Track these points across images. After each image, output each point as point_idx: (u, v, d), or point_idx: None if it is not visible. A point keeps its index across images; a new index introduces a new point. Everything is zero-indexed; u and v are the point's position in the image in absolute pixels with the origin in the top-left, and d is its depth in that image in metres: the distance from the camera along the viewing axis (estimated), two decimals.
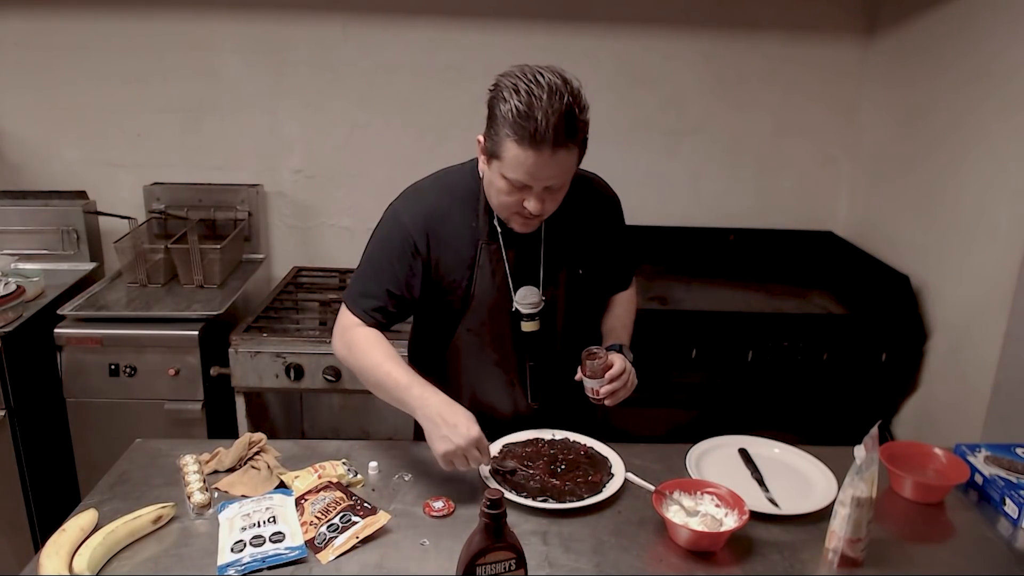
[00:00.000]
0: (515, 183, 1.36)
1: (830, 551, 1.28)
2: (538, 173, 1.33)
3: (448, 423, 1.35)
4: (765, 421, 2.31)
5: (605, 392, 1.50)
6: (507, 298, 1.52)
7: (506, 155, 1.33)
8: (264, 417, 2.55)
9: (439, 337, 1.59)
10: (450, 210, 1.51)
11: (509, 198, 1.39)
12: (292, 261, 2.97)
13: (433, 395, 1.40)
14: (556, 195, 1.41)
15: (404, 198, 1.56)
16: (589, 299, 1.65)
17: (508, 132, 1.31)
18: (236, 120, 2.82)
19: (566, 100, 1.29)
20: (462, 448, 1.34)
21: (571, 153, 1.35)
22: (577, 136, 1.33)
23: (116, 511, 1.34)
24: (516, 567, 1.11)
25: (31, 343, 2.27)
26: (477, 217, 1.51)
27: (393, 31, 2.74)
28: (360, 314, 1.52)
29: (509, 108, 1.29)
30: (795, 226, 2.95)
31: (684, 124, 2.87)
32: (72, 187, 2.75)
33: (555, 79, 1.30)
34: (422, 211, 1.51)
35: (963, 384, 2.19)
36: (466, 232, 1.50)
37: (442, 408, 1.38)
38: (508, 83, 1.31)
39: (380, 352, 1.47)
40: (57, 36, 2.71)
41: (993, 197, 2.11)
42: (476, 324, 1.54)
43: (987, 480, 1.48)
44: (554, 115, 1.28)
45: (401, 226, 1.50)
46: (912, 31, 2.54)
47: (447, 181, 1.56)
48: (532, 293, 1.52)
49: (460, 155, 2.96)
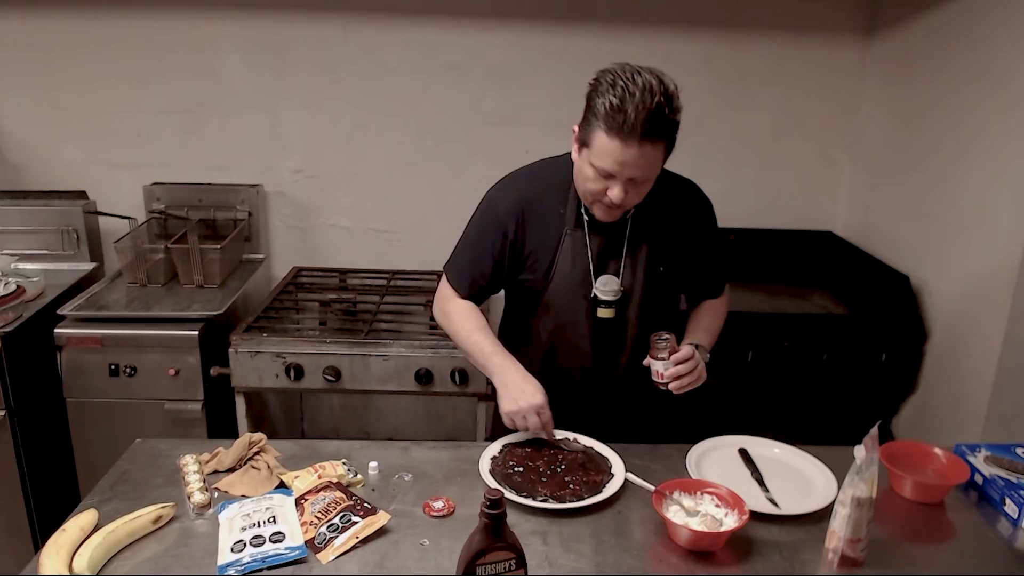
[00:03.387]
0: (601, 171, 1.44)
1: (830, 551, 1.28)
2: (624, 163, 1.41)
3: (519, 388, 1.52)
4: (765, 421, 2.31)
5: (670, 375, 1.52)
6: (587, 283, 1.60)
7: (596, 144, 1.42)
8: (264, 417, 2.55)
9: (524, 312, 1.70)
10: (541, 197, 1.61)
11: (595, 185, 1.47)
12: (292, 261, 2.97)
13: (512, 364, 1.57)
14: (639, 188, 1.47)
15: (501, 184, 1.67)
16: (668, 297, 1.71)
17: (600, 123, 1.39)
18: (236, 120, 2.83)
19: (657, 99, 1.37)
20: (524, 410, 1.51)
21: (656, 149, 1.41)
22: (664, 133, 1.41)
23: (116, 511, 1.34)
24: (516, 567, 1.11)
25: (31, 343, 2.27)
26: (566, 205, 1.60)
27: (393, 31, 2.75)
28: (456, 286, 1.69)
29: (604, 101, 1.38)
30: (795, 226, 2.95)
31: (684, 124, 2.83)
32: (72, 187, 2.75)
33: (651, 79, 1.39)
34: (515, 197, 1.62)
35: (963, 384, 2.19)
36: (554, 218, 1.60)
37: (517, 376, 1.55)
38: (607, 79, 1.40)
39: (471, 323, 1.65)
40: (57, 36, 2.71)
41: (993, 197, 2.11)
42: (555, 305, 1.64)
43: (987, 480, 1.48)
44: (644, 111, 1.36)
45: (495, 209, 1.63)
46: (912, 31, 2.54)
47: (541, 170, 1.66)
48: (612, 281, 1.60)
49: (460, 155, 2.96)
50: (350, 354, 2.28)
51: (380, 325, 2.44)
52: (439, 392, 2.30)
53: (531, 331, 1.69)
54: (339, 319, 2.64)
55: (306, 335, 2.37)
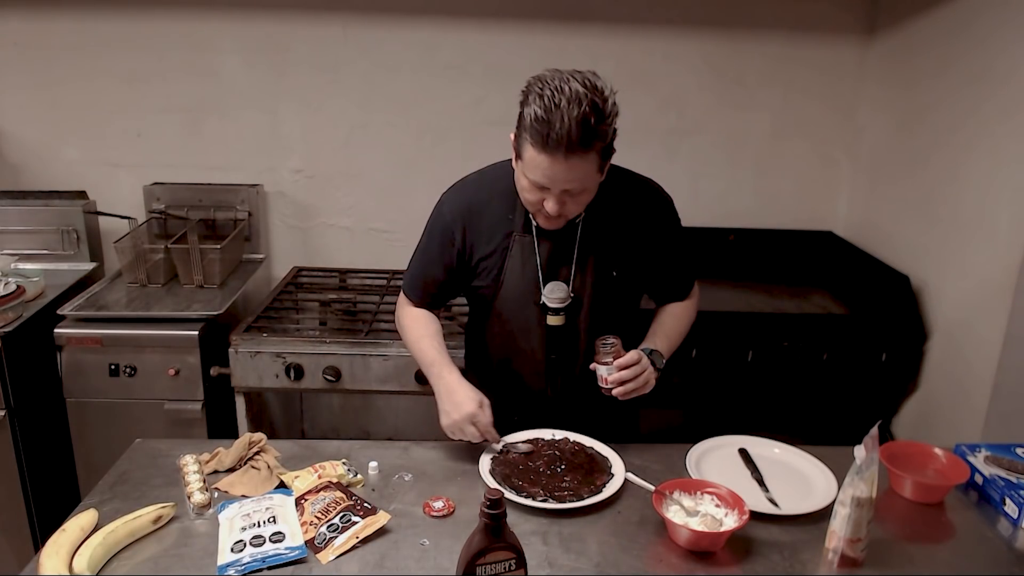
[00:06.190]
0: (534, 183, 1.42)
1: (830, 551, 1.28)
2: (554, 177, 1.39)
3: (452, 400, 1.51)
4: (765, 421, 2.31)
5: (614, 380, 1.49)
6: (535, 290, 1.59)
7: (526, 156, 1.40)
8: (264, 417, 2.55)
9: (480, 319, 1.70)
10: (489, 202, 1.60)
11: (531, 196, 1.46)
12: (292, 261, 2.97)
13: (449, 374, 1.55)
14: (577, 198, 1.45)
15: (450, 191, 1.66)
16: (623, 301, 1.66)
17: (527, 135, 1.38)
18: (236, 120, 2.83)
19: (584, 108, 1.32)
20: (457, 423, 1.49)
21: (586, 160, 1.38)
22: (592, 144, 1.36)
23: (116, 511, 1.34)
24: (516, 567, 1.11)
25: (31, 343, 2.27)
26: (514, 210, 1.58)
27: (393, 31, 2.74)
28: (409, 294, 1.71)
29: (531, 112, 1.36)
30: (795, 226, 2.95)
31: (684, 124, 2.87)
32: (72, 187, 2.75)
33: (579, 87, 1.34)
34: (462, 203, 1.61)
35: (963, 384, 2.19)
36: (502, 223, 1.59)
37: (452, 386, 1.53)
38: (536, 87, 1.37)
39: (419, 330, 1.65)
40: (57, 36, 2.71)
41: (993, 197, 2.11)
42: (505, 311, 1.63)
43: (987, 480, 1.49)
44: (570, 122, 1.32)
45: (442, 217, 1.63)
46: (912, 31, 2.54)
47: (490, 175, 1.65)
48: (559, 288, 1.57)
49: (460, 155, 2.96)
50: (350, 354, 2.28)
51: (380, 325, 2.44)
52: None
53: (486, 338, 1.69)
54: (339, 319, 2.64)
55: (306, 335, 2.37)
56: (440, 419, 1.52)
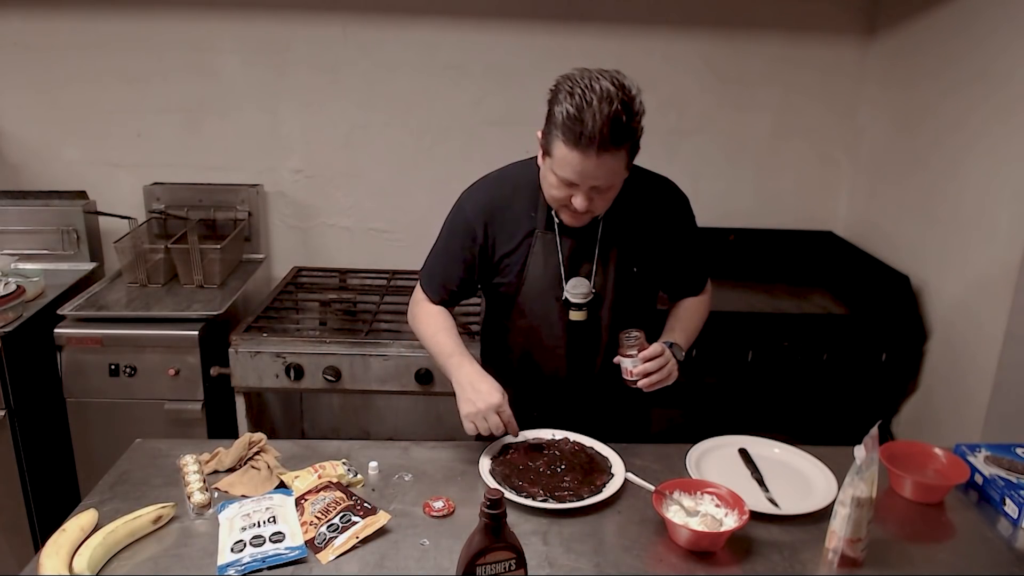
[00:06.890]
0: (564, 180, 1.44)
1: (830, 551, 1.28)
2: (584, 173, 1.41)
3: (476, 389, 1.49)
4: (765, 421, 2.31)
5: (639, 372, 1.51)
6: (558, 286, 1.60)
7: (556, 153, 1.41)
8: (264, 417, 2.55)
9: (500, 316, 1.71)
10: (511, 200, 1.61)
11: (558, 193, 1.47)
12: (292, 261, 2.97)
13: (469, 364, 1.54)
14: (604, 195, 1.47)
15: (471, 188, 1.66)
16: (642, 297, 1.69)
17: (559, 132, 1.39)
18: (236, 120, 2.83)
19: (615, 106, 1.35)
20: (482, 411, 1.47)
21: (617, 157, 1.40)
22: (623, 142, 1.39)
23: (116, 511, 1.34)
24: (516, 567, 1.11)
25: (31, 343, 2.27)
26: (536, 207, 1.59)
27: (393, 31, 2.74)
28: (427, 292, 1.70)
29: (562, 110, 1.37)
30: (795, 226, 2.95)
31: (684, 125, 2.87)
32: (72, 187, 2.75)
33: (609, 85, 1.36)
34: (485, 201, 1.62)
35: (963, 384, 2.19)
36: (524, 221, 1.60)
37: (473, 375, 1.52)
38: (566, 86, 1.39)
39: (436, 324, 1.64)
40: (57, 36, 2.71)
41: (993, 197, 2.11)
42: (527, 308, 1.64)
43: (987, 480, 1.49)
44: (602, 120, 1.34)
45: (464, 214, 1.63)
46: (912, 31, 2.54)
47: (512, 173, 1.65)
48: (582, 284, 1.59)
49: (460, 155, 2.96)
50: (350, 354, 2.28)
51: (380, 325, 2.44)
52: (439, 392, 2.29)
53: (507, 334, 1.70)
54: (339, 319, 2.64)
55: (306, 335, 2.37)
56: (460, 407, 1.50)
